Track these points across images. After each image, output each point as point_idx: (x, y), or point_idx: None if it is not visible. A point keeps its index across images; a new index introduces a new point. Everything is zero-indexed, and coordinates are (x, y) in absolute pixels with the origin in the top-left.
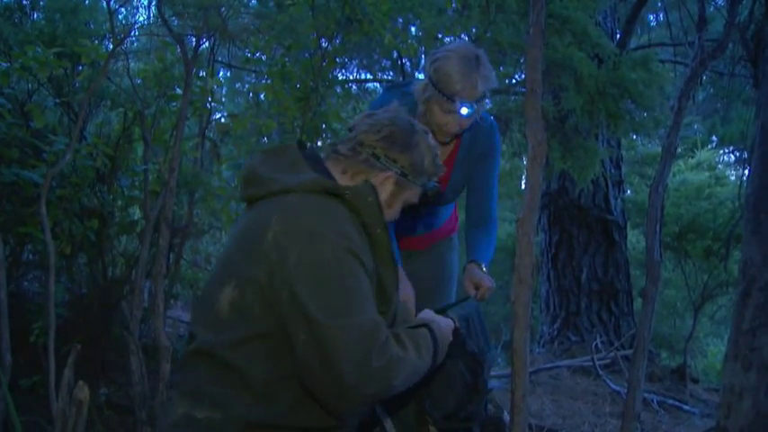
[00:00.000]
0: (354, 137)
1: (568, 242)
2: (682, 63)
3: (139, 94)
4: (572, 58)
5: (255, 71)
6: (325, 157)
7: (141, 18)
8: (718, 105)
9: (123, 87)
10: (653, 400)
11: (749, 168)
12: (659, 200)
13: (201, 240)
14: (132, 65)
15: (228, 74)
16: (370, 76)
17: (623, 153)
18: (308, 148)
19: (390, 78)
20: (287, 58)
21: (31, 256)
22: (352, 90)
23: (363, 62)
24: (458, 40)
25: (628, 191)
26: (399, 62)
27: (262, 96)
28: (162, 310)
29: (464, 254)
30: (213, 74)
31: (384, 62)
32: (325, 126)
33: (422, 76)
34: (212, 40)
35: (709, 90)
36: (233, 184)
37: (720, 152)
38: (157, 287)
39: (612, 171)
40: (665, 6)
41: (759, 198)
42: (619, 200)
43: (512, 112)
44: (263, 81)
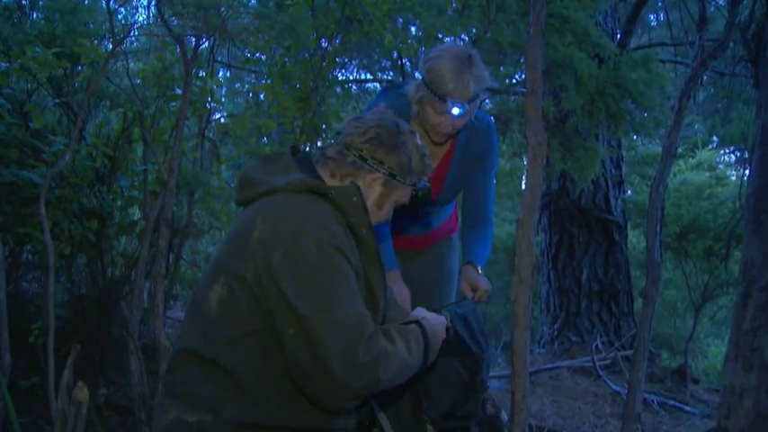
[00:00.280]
0: (342, 140)
1: (569, 242)
2: (682, 63)
3: (139, 95)
4: (572, 58)
5: (255, 71)
6: (315, 161)
7: (141, 18)
8: (719, 105)
9: (123, 87)
10: (653, 401)
11: (750, 169)
12: (660, 200)
13: (201, 241)
14: (132, 65)
15: (228, 74)
16: (370, 77)
17: (624, 153)
18: (300, 153)
19: (390, 78)
20: (287, 59)
21: (30, 257)
22: (352, 90)
23: (363, 62)
24: (456, 41)
25: (628, 191)
26: (399, 62)
27: (261, 96)
28: (161, 310)
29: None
30: (213, 74)
31: (384, 62)
32: (325, 126)
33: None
34: (212, 40)
35: (710, 90)
36: (232, 185)
37: (721, 152)
38: (157, 287)
39: (613, 171)
40: (665, 6)
41: (760, 198)
42: (619, 200)
43: (512, 112)
44: (262, 81)
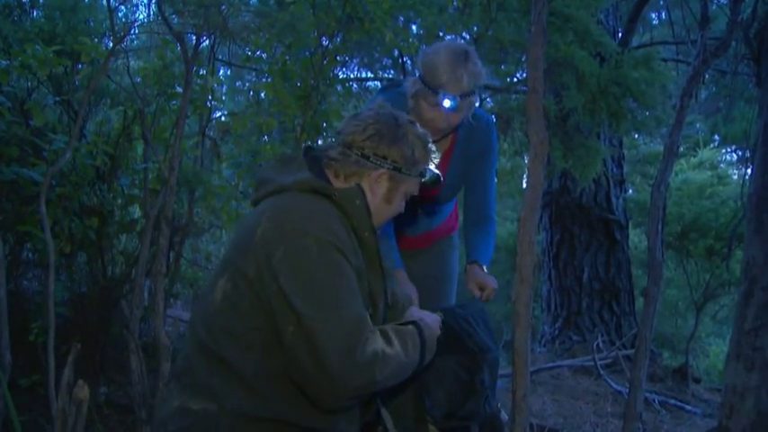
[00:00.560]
0: (342, 140)
1: (570, 241)
2: (684, 61)
3: (139, 93)
4: (574, 56)
5: (256, 69)
6: (322, 161)
7: (141, 16)
8: (721, 104)
9: (123, 85)
10: (654, 400)
11: (751, 167)
12: (661, 199)
13: (202, 239)
14: (132, 63)
15: (229, 72)
16: (371, 75)
17: (625, 152)
18: (311, 153)
19: (391, 77)
20: (287, 57)
21: (30, 255)
22: (353, 88)
23: (364, 60)
24: (457, 39)
25: (629, 190)
26: (400, 60)
27: (262, 95)
28: (162, 308)
29: (463, 253)
30: (213, 72)
31: (385, 60)
32: (326, 125)
33: None
34: (213, 38)
35: (712, 89)
36: (233, 183)
37: (723, 151)
38: (157, 286)
39: (614, 170)
40: (667, 4)
41: (762, 197)
42: (620, 199)
43: (513, 111)
44: (263, 79)
